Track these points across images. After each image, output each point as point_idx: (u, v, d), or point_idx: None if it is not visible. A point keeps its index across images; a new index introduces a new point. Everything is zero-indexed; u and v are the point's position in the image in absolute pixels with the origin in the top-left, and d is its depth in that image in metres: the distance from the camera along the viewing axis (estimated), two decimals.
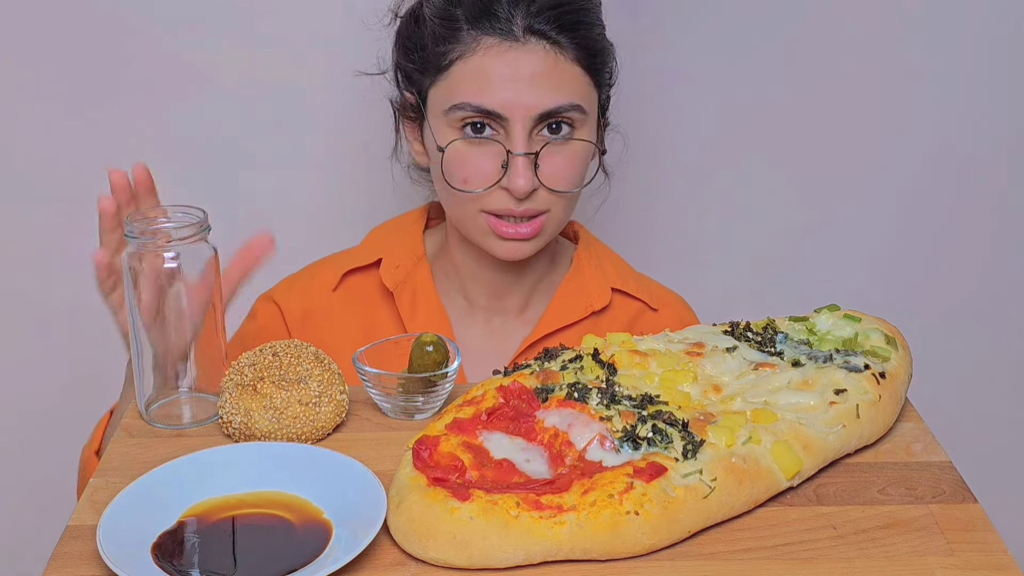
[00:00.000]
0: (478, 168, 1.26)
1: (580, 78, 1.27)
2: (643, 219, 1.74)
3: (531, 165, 1.24)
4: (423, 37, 1.29)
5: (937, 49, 1.69)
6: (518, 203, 1.26)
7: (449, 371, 1.06)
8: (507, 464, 0.90)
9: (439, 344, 1.06)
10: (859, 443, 0.98)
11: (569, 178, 1.28)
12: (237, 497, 0.92)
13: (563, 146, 1.27)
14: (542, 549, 0.84)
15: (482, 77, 1.24)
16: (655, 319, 1.41)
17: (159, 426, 1.06)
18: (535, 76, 1.24)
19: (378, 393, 1.06)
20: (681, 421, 0.92)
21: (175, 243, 1.02)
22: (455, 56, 1.26)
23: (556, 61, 1.25)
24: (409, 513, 0.86)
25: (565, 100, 1.25)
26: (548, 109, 1.24)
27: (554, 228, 1.32)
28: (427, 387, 1.05)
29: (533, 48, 1.24)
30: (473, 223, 1.30)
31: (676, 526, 0.86)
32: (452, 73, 1.26)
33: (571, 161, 1.27)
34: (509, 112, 1.23)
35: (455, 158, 1.27)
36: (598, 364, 1.01)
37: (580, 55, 1.26)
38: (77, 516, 0.91)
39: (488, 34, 1.24)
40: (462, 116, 1.25)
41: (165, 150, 1.67)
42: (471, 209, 1.29)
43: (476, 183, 1.26)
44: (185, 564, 0.85)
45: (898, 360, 1.04)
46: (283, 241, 1.70)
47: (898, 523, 0.89)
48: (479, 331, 1.42)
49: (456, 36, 1.26)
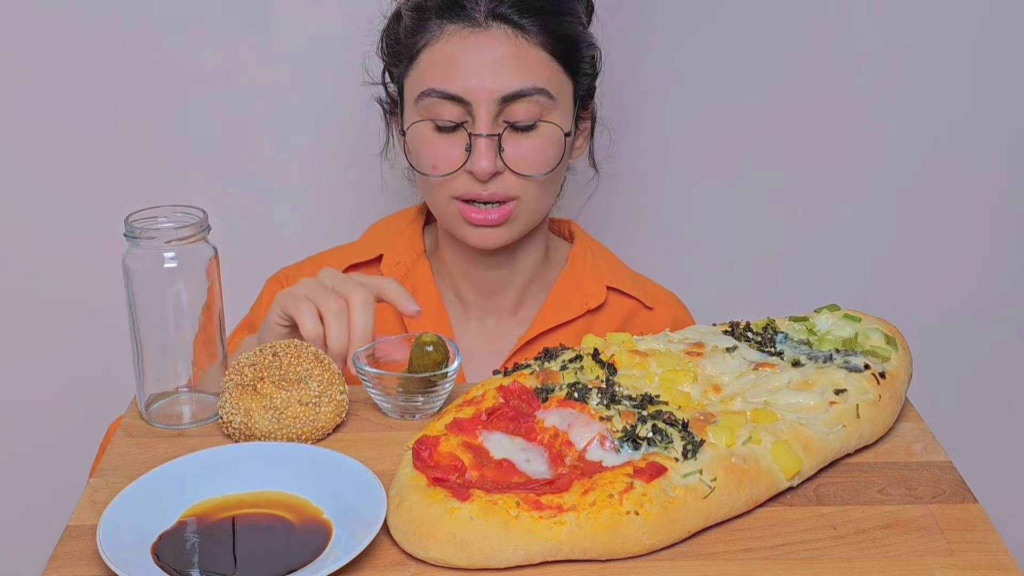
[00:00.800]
0: (444, 153, 1.28)
1: (546, 63, 1.28)
2: (643, 218, 1.74)
3: (493, 147, 1.26)
4: (399, 31, 1.33)
5: (937, 49, 1.69)
6: (483, 186, 1.27)
7: (449, 371, 1.06)
8: (507, 464, 0.90)
9: (439, 344, 1.06)
10: (859, 443, 0.98)
11: (536, 162, 1.28)
12: (237, 497, 0.92)
13: (530, 130, 1.27)
14: (542, 549, 0.84)
15: (447, 63, 1.26)
16: (650, 317, 1.42)
17: (159, 426, 1.06)
18: (498, 60, 1.25)
19: (378, 393, 1.06)
20: (681, 421, 0.92)
21: (175, 243, 1.02)
22: (422, 44, 1.29)
23: (519, 45, 1.26)
24: (409, 513, 0.86)
25: (529, 83, 1.26)
26: (511, 92, 1.25)
27: (527, 216, 1.32)
28: (427, 387, 1.05)
29: (495, 33, 1.26)
30: (447, 210, 1.32)
31: (676, 526, 0.86)
32: (420, 61, 1.29)
33: (537, 145, 1.28)
34: (472, 96, 1.25)
35: (423, 144, 1.29)
36: (598, 364, 1.01)
37: (546, 40, 1.28)
38: (77, 516, 0.91)
39: (452, 21, 1.27)
40: (429, 103, 1.27)
41: (165, 150, 1.67)
42: (442, 196, 1.31)
43: (442, 168, 1.28)
44: (185, 564, 0.85)
45: (898, 360, 1.04)
46: (283, 241, 1.71)
47: (898, 523, 0.89)
48: (474, 331, 1.42)
49: (424, 26, 1.29)
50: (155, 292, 1.04)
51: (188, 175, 1.68)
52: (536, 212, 1.33)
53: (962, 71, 1.69)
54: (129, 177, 1.67)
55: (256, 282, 1.48)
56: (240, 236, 1.64)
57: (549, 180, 1.31)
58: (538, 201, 1.32)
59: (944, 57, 1.69)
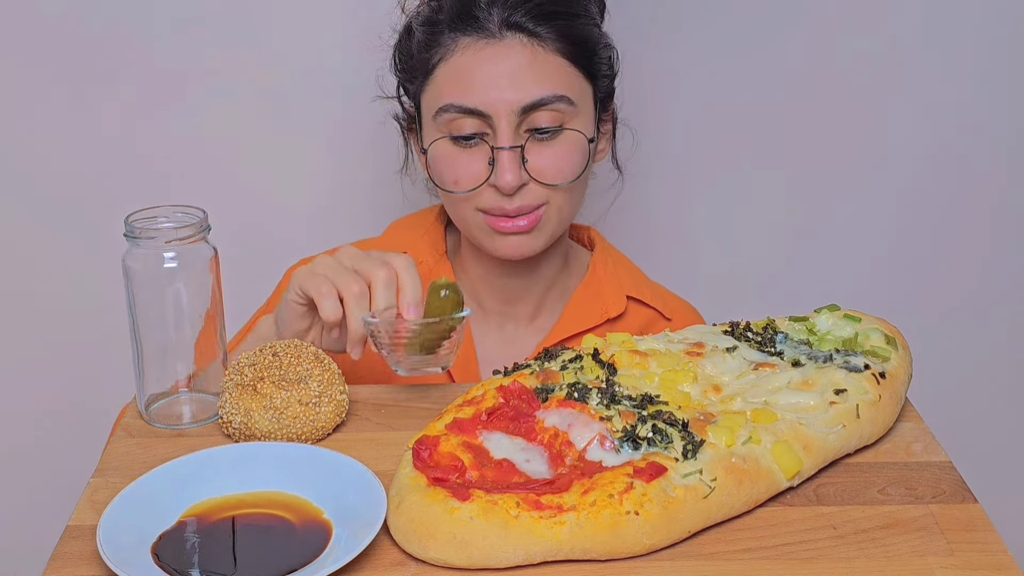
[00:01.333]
0: (466, 168, 1.26)
1: (564, 69, 1.26)
2: (643, 218, 1.74)
3: (517, 159, 1.23)
4: (412, 46, 1.30)
5: (937, 49, 1.69)
6: (509, 200, 1.25)
7: (466, 314, 1.04)
8: (507, 464, 0.90)
9: (454, 288, 1.04)
10: (859, 443, 0.98)
11: (560, 171, 1.26)
12: (237, 497, 0.92)
13: (553, 139, 1.25)
14: (542, 549, 0.84)
15: (464, 77, 1.24)
16: (668, 328, 1.41)
17: (159, 426, 1.06)
18: (515, 70, 1.23)
19: (390, 350, 1.04)
20: (681, 421, 0.92)
21: (175, 243, 1.02)
22: (437, 59, 1.27)
23: (535, 53, 1.24)
24: (409, 513, 0.86)
25: (549, 92, 1.23)
26: (531, 102, 1.23)
27: (556, 221, 1.30)
28: (446, 334, 1.04)
29: (510, 43, 1.24)
30: (473, 222, 1.30)
31: (676, 526, 0.86)
32: (436, 77, 1.27)
33: (561, 153, 1.25)
34: (492, 109, 1.23)
35: (444, 160, 1.27)
36: (598, 364, 1.01)
37: (562, 46, 1.25)
38: (77, 516, 0.91)
39: (466, 34, 1.25)
40: (448, 118, 1.25)
41: (166, 151, 1.67)
42: (467, 208, 1.29)
43: (465, 183, 1.26)
44: (185, 564, 0.85)
45: (898, 360, 1.04)
46: (284, 242, 1.71)
47: (898, 523, 0.89)
48: (493, 337, 1.41)
49: (438, 40, 1.27)
50: (155, 292, 1.04)
51: (188, 175, 1.68)
52: (563, 220, 1.31)
53: (962, 71, 1.69)
54: (129, 177, 1.67)
55: (256, 282, 1.48)
56: (240, 236, 1.64)
57: (575, 187, 1.29)
58: (566, 208, 1.30)
59: (945, 57, 1.68)
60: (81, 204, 1.68)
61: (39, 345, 1.73)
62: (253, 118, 1.67)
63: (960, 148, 1.73)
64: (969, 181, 1.75)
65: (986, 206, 1.76)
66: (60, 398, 1.75)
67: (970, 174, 1.74)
